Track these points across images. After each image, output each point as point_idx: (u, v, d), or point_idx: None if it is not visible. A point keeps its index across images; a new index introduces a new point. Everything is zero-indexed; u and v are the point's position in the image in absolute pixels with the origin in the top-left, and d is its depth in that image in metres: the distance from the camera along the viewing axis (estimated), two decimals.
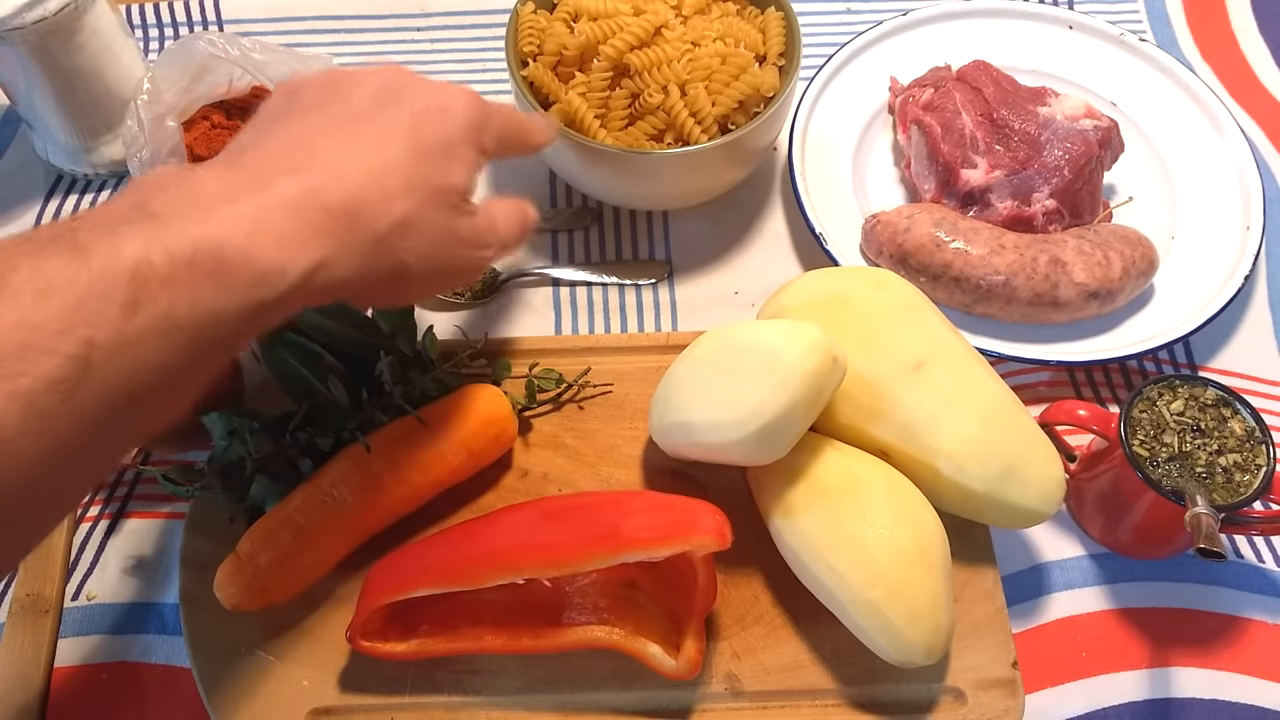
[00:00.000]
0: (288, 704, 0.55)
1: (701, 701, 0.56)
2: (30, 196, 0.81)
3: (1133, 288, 0.71)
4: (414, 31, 0.90)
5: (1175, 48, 0.90)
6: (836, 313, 0.59)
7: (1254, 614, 0.62)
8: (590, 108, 0.70)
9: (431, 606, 0.55)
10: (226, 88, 0.76)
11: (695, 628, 0.53)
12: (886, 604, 0.52)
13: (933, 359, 0.58)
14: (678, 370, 0.59)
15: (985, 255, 0.70)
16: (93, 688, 0.59)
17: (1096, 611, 0.62)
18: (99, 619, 0.61)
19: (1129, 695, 0.59)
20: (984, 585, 0.59)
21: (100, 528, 0.64)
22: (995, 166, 0.74)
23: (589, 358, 0.68)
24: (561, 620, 0.55)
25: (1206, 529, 0.51)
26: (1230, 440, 0.57)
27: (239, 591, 0.54)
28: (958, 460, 0.56)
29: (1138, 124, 0.82)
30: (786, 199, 0.80)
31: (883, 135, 0.83)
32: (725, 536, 0.52)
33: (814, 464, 0.56)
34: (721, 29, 0.72)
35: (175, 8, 0.91)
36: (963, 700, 0.55)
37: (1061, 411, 0.61)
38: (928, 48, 0.85)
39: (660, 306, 0.75)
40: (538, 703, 0.56)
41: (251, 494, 0.58)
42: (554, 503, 0.56)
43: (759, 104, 0.72)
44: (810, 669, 0.56)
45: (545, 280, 0.76)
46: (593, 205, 0.80)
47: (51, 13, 0.68)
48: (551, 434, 0.65)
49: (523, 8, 0.74)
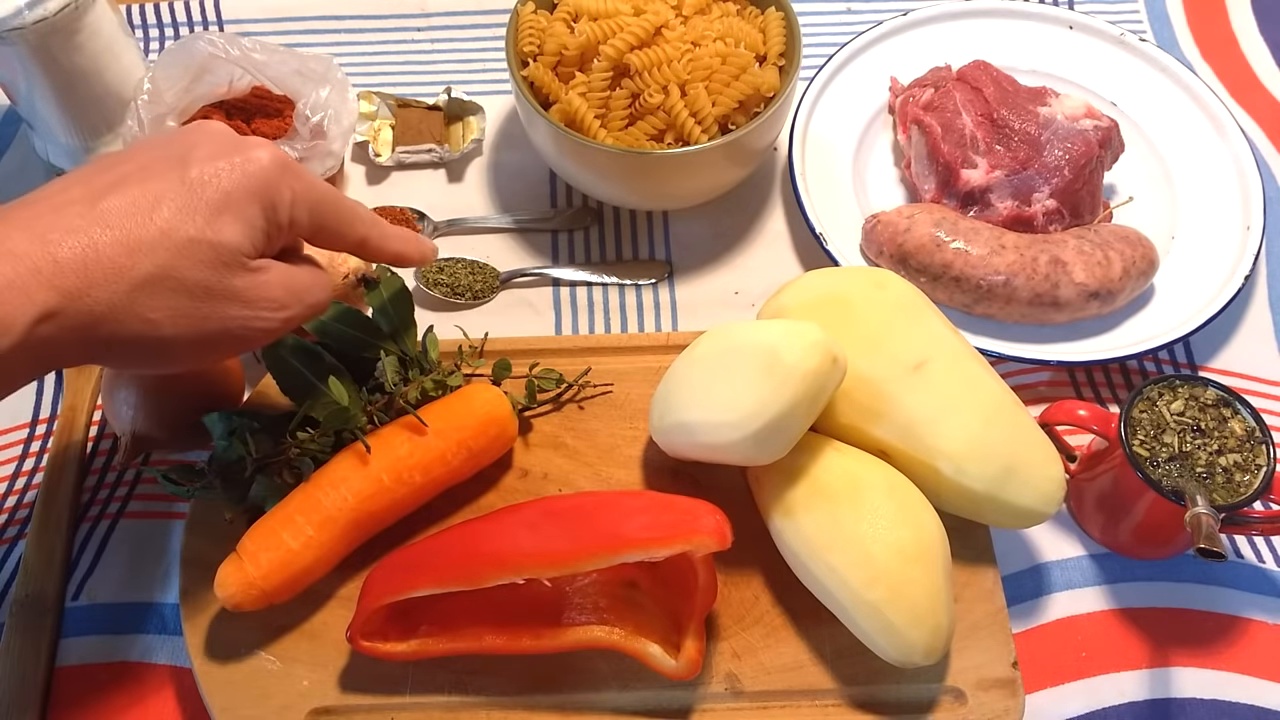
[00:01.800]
0: (288, 704, 0.55)
1: (701, 701, 0.56)
2: None
3: (1133, 288, 0.71)
4: (414, 31, 0.90)
5: (1175, 48, 0.90)
6: (836, 313, 0.59)
7: (1254, 614, 0.62)
8: (590, 108, 0.70)
9: (431, 606, 0.55)
10: (227, 88, 0.76)
11: (695, 628, 0.53)
12: (886, 604, 0.52)
13: (933, 359, 0.58)
14: (678, 370, 0.59)
15: (985, 255, 0.70)
16: (93, 688, 0.59)
17: (1096, 611, 0.62)
18: (99, 619, 0.61)
19: (1129, 695, 0.59)
20: (984, 585, 0.59)
21: (100, 528, 0.64)
22: (995, 166, 0.74)
23: (589, 358, 0.68)
24: (561, 620, 0.55)
25: (1206, 529, 0.51)
26: (1230, 440, 0.57)
27: (239, 591, 0.54)
28: (958, 460, 0.56)
29: (1138, 124, 0.82)
30: (786, 199, 0.80)
31: (883, 135, 0.83)
32: (725, 536, 0.52)
33: (814, 464, 0.56)
34: (722, 29, 0.72)
35: (175, 8, 0.91)
36: (963, 700, 0.55)
37: (1061, 411, 0.61)
38: (928, 48, 0.85)
39: (660, 306, 0.75)
40: (538, 703, 0.56)
41: (251, 494, 0.58)
42: (554, 503, 0.56)
43: (759, 104, 0.72)
44: (810, 669, 0.56)
45: (545, 280, 0.76)
46: (593, 205, 0.80)
47: (52, 13, 0.68)
48: (551, 434, 0.65)
49: (523, 8, 0.74)
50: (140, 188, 0.43)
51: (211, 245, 0.43)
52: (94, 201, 0.42)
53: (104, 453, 0.68)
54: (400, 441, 0.58)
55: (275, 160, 0.46)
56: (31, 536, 0.63)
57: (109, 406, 0.61)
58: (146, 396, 0.60)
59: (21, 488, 0.67)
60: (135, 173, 0.44)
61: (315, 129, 0.72)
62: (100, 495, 0.66)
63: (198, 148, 0.45)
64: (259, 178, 0.45)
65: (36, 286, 0.40)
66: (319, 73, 0.74)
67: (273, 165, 0.46)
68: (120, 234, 0.42)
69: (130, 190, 0.43)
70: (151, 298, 0.42)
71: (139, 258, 0.42)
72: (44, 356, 0.41)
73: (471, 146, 0.82)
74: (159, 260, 0.42)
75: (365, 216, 0.51)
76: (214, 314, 0.45)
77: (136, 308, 0.42)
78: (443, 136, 0.82)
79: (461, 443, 0.59)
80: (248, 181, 0.45)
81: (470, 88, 0.85)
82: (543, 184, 0.81)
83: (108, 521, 0.64)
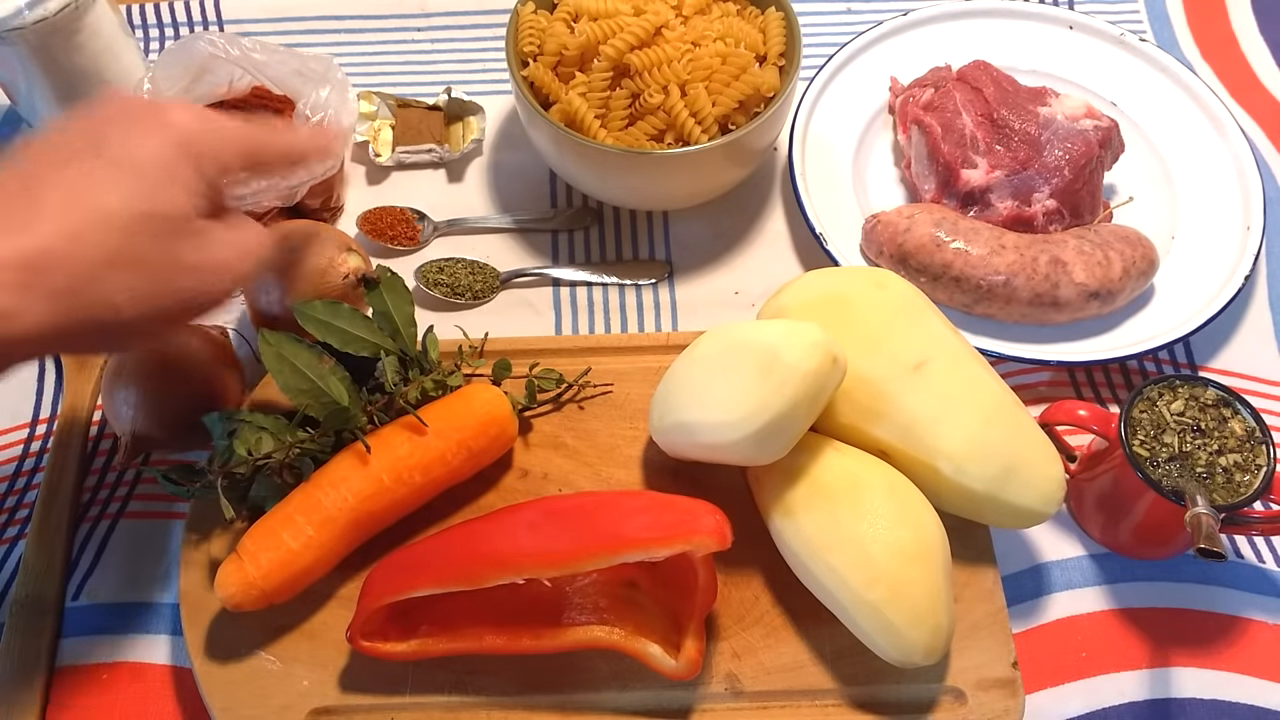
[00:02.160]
0: (288, 704, 0.55)
1: (701, 701, 0.56)
2: None
3: (1133, 288, 0.71)
4: (414, 31, 0.90)
5: (1175, 48, 0.90)
6: (836, 313, 0.59)
7: (1254, 614, 0.62)
8: (590, 108, 0.70)
9: (431, 606, 0.55)
10: (227, 88, 0.76)
11: (695, 628, 0.53)
12: (886, 604, 0.52)
13: (933, 359, 0.58)
14: (678, 370, 0.59)
15: (985, 255, 0.70)
16: (93, 688, 0.59)
17: (1096, 611, 0.62)
18: (99, 619, 0.61)
19: (1129, 695, 0.59)
20: (984, 585, 0.59)
21: (100, 528, 0.64)
22: (995, 166, 0.74)
23: (589, 358, 0.68)
24: (561, 620, 0.55)
25: (1206, 529, 0.51)
26: (1230, 440, 0.57)
27: (239, 591, 0.54)
28: (958, 460, 0.56)
29: (1138, 124, 0.82)
30: (786, 199, 0.80)
31: (883, 135, 0.83)
32: (725, 536, 0.52)
33: (814, 464, 0.56)
34: (722, 29, 0.72)
35: (175, 8, 0.91)
36: (963, 700, 0.55)
37: (1061, 411, 0.61)
38: (928, 48, 0.85)
39: (660, 306, 0.75)
40: (538, 703, 0.56)
41: (251, 494, 0.58)
42: (554, 503, 0.56)
43: (759, 104, 0.72)
44: (810, 669, 0.56)
45: (545, 280, 0.76)
46: (593, 205, 0.80)
47: (52, 13, 0.68)
48: (552, 434, 0.65)
49: (523, 8, 0.74)
50: (71, 174, 0.42)
51: (157, 217, 0.43)
52: (30, 196, 0.42)
53: (104, 453, 0.67)
54: (400, 441, 0.58)
55: (187, 118, 0.46)
56: (31, 536, 0.63)
57: (109, 406, 0.61)
58: (146, 396, 0.60)
59: (21, 488, 0.67)
60: (61, 161, 0.43)
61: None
62: (100, 495, 0.66)
63: (112, 123, 0.44)
64: (183, 139, 0.45)
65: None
66: (319, 73, 0.74)
67: (193, 122, 0.45)
68: (63, 224, 0.41)
69: (62, 178, 0.42)
70: (108, 281, 0.42)
71: (87, 246, 0.41)
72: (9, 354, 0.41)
73: (471, 146, 0.82)
74: (110, 244, 0.42)
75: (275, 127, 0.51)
76: (168, 287, 0.44)
77: (95, 294, 0.42)
78: (443, 136, 0.82)
79: (461, 443, 0.59)
80: (169, 147, 0.44)
81: (470, 88, 0.85)
82: (543, 184, 0.81)
83: (108, 521, 0.64)
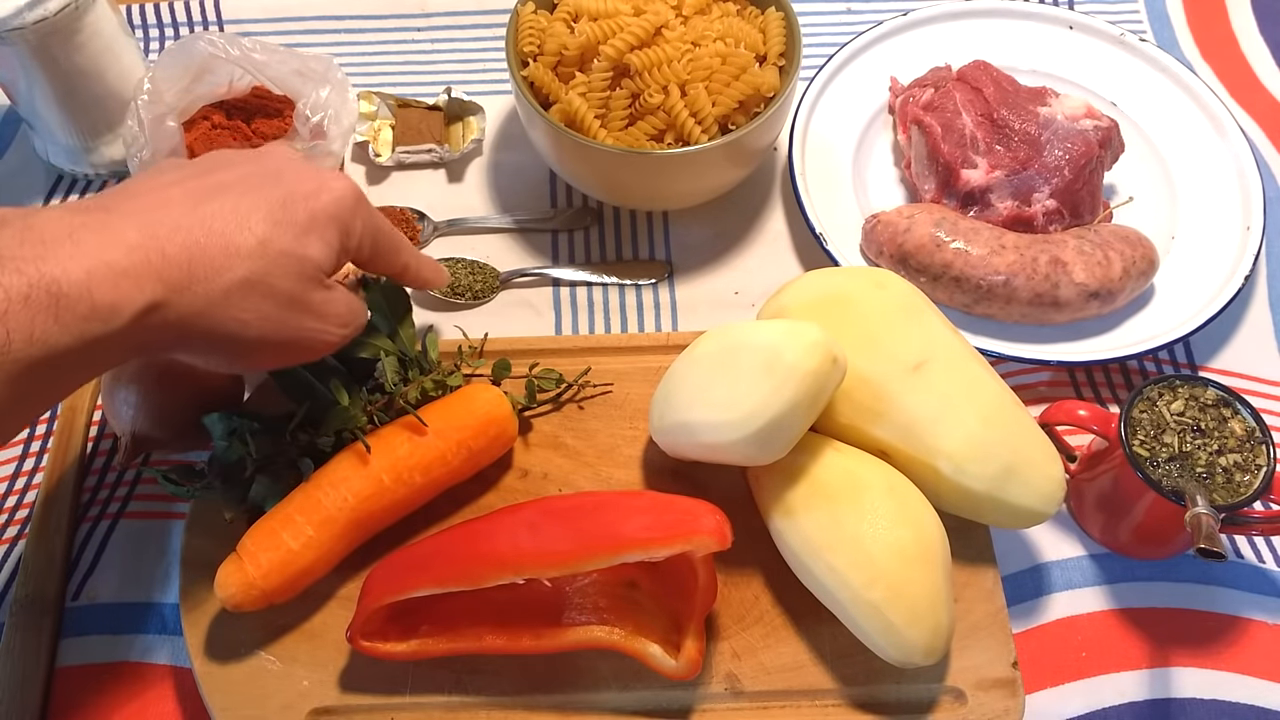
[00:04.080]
0: (288, 704, 0.55)
1: (701, 701, 0.56)
2: (30, 197, 0.81)
3: (1133, 288, 0.71)
4: (414, 31, 0.91)
5: (1175, 48, 0.90)
6: (836, 313, 0.59)
7: (1254, 614, 0.62)
8: (590, 108, 0.70)
9: (431, 606, 0.55)
10: (227, 88, 0.76)
11: (695, 628, 0.53)
12: (886, 604, 0.52)
13: (933, 359, 0.58)
14: (678, 370, 0.59)
15: (985, 255, 0.70)
16: (93, 688, 0.59)
17: (1096, 611, 0.62)
18: (99, 619, 0.61)
19: (1129, 695, 0.59)
20: (984, 585, 0.59)
21: (100, 528, 0.64)
22: (995, 166, 0.74)
23: (589, 358, 0.68)
24: (561, 620, 0.55)
25: (1206, 529, 0.51)
26: (1230, 440, 0.57)
27: (239, 591, 0.54)
28: (958, 460, 0.56)
29: (1138, 124, 0.82)
30: (786, 199, 0.80)
31: (883, 135, 0.83)
32: (725, 536, 0.52)
33: (814, 464, 0.56)
34: (722, 29, 0.72)
35: (175, 8, 0.91)
36: (963, 700, 0.55)
37: (1061, 411, 0.61)
38: (928, 48, 0.85)
39: (660, 306, 0.75)
40: (538, 703, 0.56)
41: (251, 494, 0.58)
42: (554, 503, 0.56)
43: (759, 104, 0.72)
44: (810, 669, 0.56)
45: (545, 280, 0.76)
46: (593, 205, 0.80)
47: (52, 13, 0.68)
48: (551, 434, 0.65)
49: (523, 8, 0.74)
50: (240, 199, 0.47)
51: (300, 259, 0.48)
52: (195, 204, 0.46)
53: (104, 453, 0.68)
54: (400, 441, 0.58)
55: (351, 191, 0.51)
56: (31, 536, 0.63)
57: (109, 406, 0.61)
58: (146, 396, 0.60)
59: (21, 488, 0.67)
60: (235, 183, 0.48)
61: (315, 129, 0.72)
62: (100, 495, 0.66)
63: (286, 171, 0.49)
64: (339, 205, 0.50)
65: (147, 277, 0.42)
66: (319, 73, 0.74)
67: (349, 195, 0.51)
68: (221, 238, 0.45)
69: (230, 199, 0.47)
70: (244, 300, 0.46)
71: (237, 261, 0.45)
72: (141, 343, 0.44)
73: (471, 146, 0.82)
74: (254, 266, 0.46)
75: (408, 246, 0.57)
76: (293, 322, 0.49)
77: (230, 308, 0.46)
78: (443, 136, 0.82)
79: (461, 443, 0.59)
80: (330, 207, 0.49)
81: (470, 88, 0.85)
82: (543, 184, 0.81)
83: (108, 521, 0.64)
